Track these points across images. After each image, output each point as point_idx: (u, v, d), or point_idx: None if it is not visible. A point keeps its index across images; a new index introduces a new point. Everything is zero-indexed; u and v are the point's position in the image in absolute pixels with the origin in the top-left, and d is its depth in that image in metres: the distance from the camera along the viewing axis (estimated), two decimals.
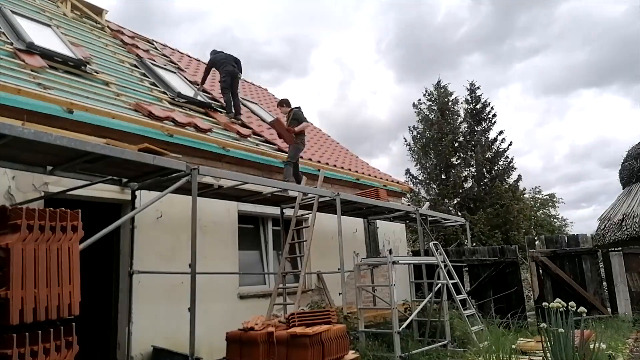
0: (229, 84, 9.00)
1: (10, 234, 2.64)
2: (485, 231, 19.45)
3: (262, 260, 8.40)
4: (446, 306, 7.65)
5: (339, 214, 7.28)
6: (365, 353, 6.23)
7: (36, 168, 4.62)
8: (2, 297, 2.51)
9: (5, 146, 3.68)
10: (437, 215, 11.81)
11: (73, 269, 2.89)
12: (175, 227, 6.34)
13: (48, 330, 2.69)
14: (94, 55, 7.92)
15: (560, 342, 4.59)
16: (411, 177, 22.90)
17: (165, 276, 5.96)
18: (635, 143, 15.67)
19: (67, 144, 3.80)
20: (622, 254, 10.27)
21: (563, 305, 4.70)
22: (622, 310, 9.85)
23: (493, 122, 22.53)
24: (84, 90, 6.23)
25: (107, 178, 5.21)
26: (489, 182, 21.44)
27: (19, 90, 4.98)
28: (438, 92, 23.15)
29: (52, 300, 2.73)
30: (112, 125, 5.80)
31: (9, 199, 4.88)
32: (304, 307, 7.09)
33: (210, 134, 7.30)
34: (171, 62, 10.61)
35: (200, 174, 4.92)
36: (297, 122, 8.10)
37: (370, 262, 7.78)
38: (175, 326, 5.80)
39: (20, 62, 5.96)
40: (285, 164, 7.88)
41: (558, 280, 9.95)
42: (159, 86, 8.39)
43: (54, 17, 8.69)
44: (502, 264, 10.32)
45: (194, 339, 4.49)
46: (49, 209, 2.83)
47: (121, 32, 10.32)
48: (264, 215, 8.36)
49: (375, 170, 12.75)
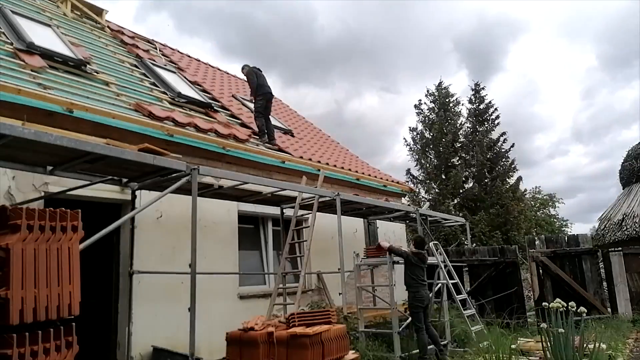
0: (264, 108, 8.71)
1: (10, 234, 2.64)
2: (485, 231, 19.45)
3: (262, 260, 8.40)
4: (446, 306, 7.65)
5: (339, 214, 7.28)
6: (365, 353, 6.23)
7: (36, 168, 4.63)
8: (2, 297, 2.50)
9: (5, 146, 3.68)
10: (437, 216, 11.80)
11: (73, 269, 2.88)
12: (176, 227, 6.34)
13: (48, 330, 2.69)
14: (94, 55, 7.92)
15: (560, 342, 4.59)
16: (411, 177, 22.92)
17: (165, 276, 5.96)
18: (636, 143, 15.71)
19: (67, 144, 3.80)
20: (622, 254, 10.27)
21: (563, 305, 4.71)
22: (622, 310, 9.85)
23: (496, 123, 22.57)
24: (84, 90, 6.23)
25: (107, 178, 5.21)
26: (490, 182, 21.45)
27: (19, 90, 4.98)
28: (439, 92, 23.20)
29: (52, 300, 2.73)
30: (112, 125, 5.80)
31: (9, 199, 4.89)
32: (304, 307, 7.09)
33: (210, 134, 7.30)
34: (171, 62, 10.61)
35: (200, 174, 4.92)
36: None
37: (370, 262, 7.77)
38: (175, 326, 5.80)
39: (20, 62, 5.96)
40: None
41: (558, 280, 9.95)
42: (159, 86, 8.39)
43: (54, 17, 8.69)
44: (502, 264, 10.32)
45: (194, 339, 4.49)
46: (49, 209, 2.83)
47: (121, 32, 10.32)
48: (264, 215, 8.36)
49: (375, 170, 12.74)
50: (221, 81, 12.11)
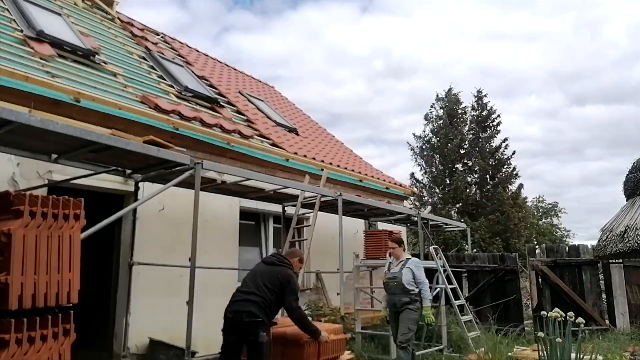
0: None
1: (12, 220, 2.65)
2: (485, 238, 19.42)
3: (262, 257, 8.40)
4: (444, 311, 7.63)
5: (341, 214, 7.28)
6: (361, 354, 6.23)
7: (41, 155, 4.64)
8: (2, 282, 2.51)
9: (11, 132, 3.69)
10: (439, 220, 11.78)
11: (73, 257, 2.89)
12: (177, 221, 6.35)
13: (46, 317, 2.70)
14: (103, 45, 7.93)
15: (557, 351, 4.58)
16: (415, 181, 22.93)
17: (164, 269, 5.97)
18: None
19: (73, 132, 3.82)
20: (622, 266, 10.22)
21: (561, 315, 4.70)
22: (621, 323, 9.80)
23: (498, 130, 22.58)
24: (92, 80, 6.25)
25: (111, 168, 5.23)
26: (492, 188, 21.43)
27: (27, 78, 5.00)
28: (449, 98, 23.25)
29: (52, 287, 2.74)
30: (118, 116, 5.81)
31: (12, 185, 4.90)
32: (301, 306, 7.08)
33: (215, 129, 7.31)
34: (179, 56, 10.62)
35: (204, 169, 4.93)
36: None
37: (369, 263, 7.77)
38: (172, 319, 5.80)
39: (29, 50, 5.98)
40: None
41: (557, 290, 9.91)
42: (166, 79, 8.40)
43: (65, 6, 8.71)
44: (501, 271, 10.29)
45: (191, 333, 4.50)
46: (52, 197, 2.84)
47: (131, 24, 10.34)
48: (266, 212, 8.37)
49: (378, 172, 12.73)
50: (228, 77, 12.12)
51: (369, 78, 59.73)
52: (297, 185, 7.11)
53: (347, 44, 64.16)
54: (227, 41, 70.92)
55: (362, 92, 57.71)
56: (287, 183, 6.74)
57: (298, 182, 7.42)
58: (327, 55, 67.93)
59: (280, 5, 73.38)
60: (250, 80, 13.84)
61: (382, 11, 67.85)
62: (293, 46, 69.78)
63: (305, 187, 7.34)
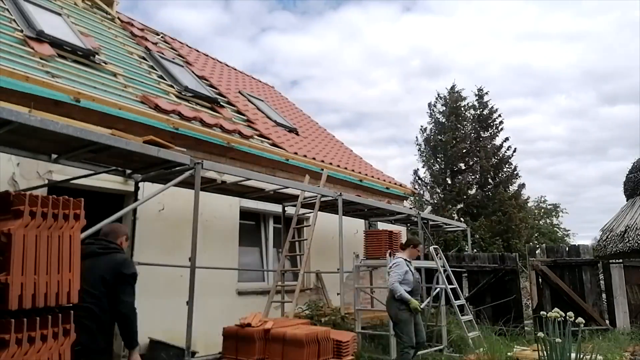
0: None
1: (12, 220, 2.65)
2: (486, 238, 19.41)
3: (262, 257, 8.41)
4: (444, 311, 7.64)
5: (341, 214, 7.28)
6: (361, 354, 6.22)
7: (41, 155, 4.64)
8: (2, 282, 2.51)
9: (11, 132, 3.69)
10: (439, 220, 11.78)
11: (73, 257, 2.89)
12: (177, 221, 6.35)
13: (46, 317, 2.69)
14: (103, 45, 7.94)
15: (557, 351, 4.58)
16: (418, 179, 22.84)
17: (164, 269, 5.97)
18: None
19: (73, 132, 3.81)
20: (622, 266, 10.23)
21: (561, 315, 4.70)
22: (621, 323, 9.81)
23: (500, 129, 22.51)
24: (92, 80, 6.25)
25: (111, 168, 5.23)
26: (493, 188, 21.40)
27: (27, 78, 5.00)
28: (451, 96, 23.06)
29: (52, 287, 2.74)
30: (118, 116, 5.81)
31: (12, 185, 4.91)
32: (301, 306, 7.09)
33: (215, 129, 7.31)
34: (179, 56, 10.63)
35: (204, 169, 4.93)
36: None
37: (369, 263, 7.77)
38: (172, 319, 5.79)
39: (29, 50, 5.98)
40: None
41: (557, 290, 9.92)
42: (166, 79, 8.41)
43: (65, 6, 8.71)
44: (501, 271, 10.29)
45: (191, 333, 4.50)
46: (52, 196, 2.83)
47: (131, 24, 10.34)
48: (266, 212, 8.37)
49: (378, 172, 12.73)
50: (228, 77, 12.13)
51: (404, 77, 59.41)
52: (297, 185, 7.11)
53: (385, 43, 63.74)
54: (264, 42, 70.69)
55: (394, 91, 57.46)
56: (287, 183, 6.74)
57: (298, 182, 7.42)
58: (364, 55, 67.68)
59: (322, 5, 73.10)
60: (250, 80, 13.85)
61: (425, 10, 67.14)
62: (329, 46, 69.47)
63: (305, 187, 7.34)
